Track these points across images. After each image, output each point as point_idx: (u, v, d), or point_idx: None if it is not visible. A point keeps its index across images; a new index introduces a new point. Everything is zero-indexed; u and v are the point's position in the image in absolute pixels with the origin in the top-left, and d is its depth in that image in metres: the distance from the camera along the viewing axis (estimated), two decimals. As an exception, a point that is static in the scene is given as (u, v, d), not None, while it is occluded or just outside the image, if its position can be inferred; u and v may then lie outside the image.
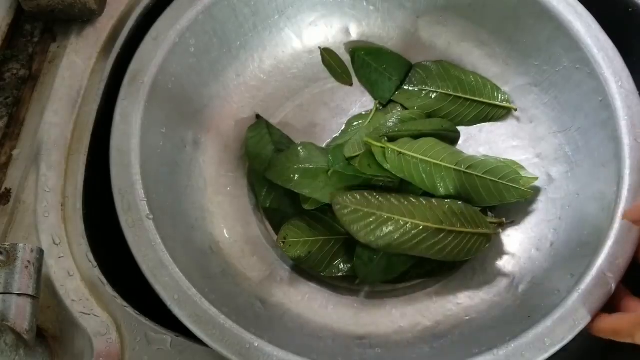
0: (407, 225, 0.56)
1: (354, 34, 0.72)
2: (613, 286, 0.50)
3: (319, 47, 0.71)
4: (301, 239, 0.60)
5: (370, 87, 0.71)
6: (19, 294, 0.43)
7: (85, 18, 0.62)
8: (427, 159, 0.60)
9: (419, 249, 0.57)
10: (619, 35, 0.59)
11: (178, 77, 0.60)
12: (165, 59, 0.58)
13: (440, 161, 0.60)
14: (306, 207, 0.60)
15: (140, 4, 0.65)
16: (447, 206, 0.58)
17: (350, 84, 0.71)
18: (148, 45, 0.58)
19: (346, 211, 0.57)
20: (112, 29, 0.63)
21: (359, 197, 0.57)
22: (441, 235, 0.57)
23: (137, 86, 0.56)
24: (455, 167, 0.59)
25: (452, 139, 0.67)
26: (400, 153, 0.60)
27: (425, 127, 0.65)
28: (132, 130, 0.54)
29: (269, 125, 0.66)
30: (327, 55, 0.71)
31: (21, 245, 0.45)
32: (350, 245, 0.59)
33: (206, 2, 0.61)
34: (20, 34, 0.62)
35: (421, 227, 0.56)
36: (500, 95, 0.68)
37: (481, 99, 0.68)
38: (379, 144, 0.59)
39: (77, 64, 0.60)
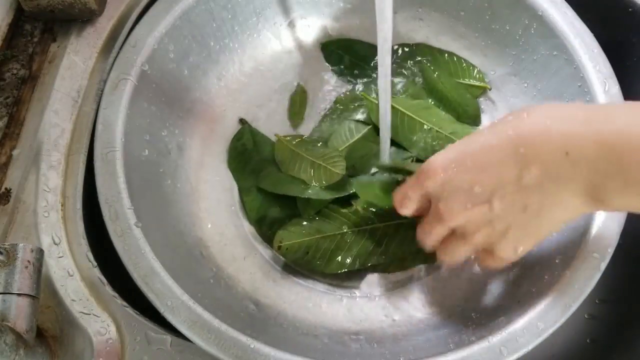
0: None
1: (332, 32, 0.64)
2: (602, 266, 0.44)
3: (297, 83, 0.62)
4: (297, 240, 0.52)
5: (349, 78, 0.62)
6: (19, 294, 0.37)
7: (85, 18, 0.54)
8: (409, 113, 0.56)
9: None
10: (619, 35, 0.54)
11: (159, 84, 0.53)
12: (145, 65, 0.51)
13: (421, 118, 0.55)
14: (306, 215, 0.53)
15: (140, 4, 0.56)
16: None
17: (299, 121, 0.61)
18: (127, 52, 0.51)
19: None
20: (112, 29, 0.55)
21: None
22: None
23: (119, 94, 0.49)
24: (430, 125, 0.55)
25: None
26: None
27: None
28: (115, 138, 0.47)
29: (253, 133, 0.58)
30: (298, 93, 0.62)
31: (21, 245, 0.39)
32: (347, 240, 0.52)
33: (183, 7, 0.53)
34: (20, 34, 0.54)
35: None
36: (475, 72, 0.60)
37: (457, 80, 0.60)
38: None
39: (77, 64, 0.52)
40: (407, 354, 0.44)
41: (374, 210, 0.52)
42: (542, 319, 0.42)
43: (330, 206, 0.53)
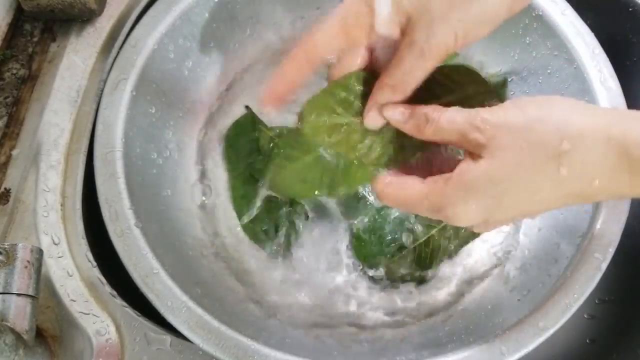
0: None
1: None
2: (603, 267, 0.43)
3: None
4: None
5: None
6: (18, 294, 0.37)
7: (85, 18, 0.54)
8: None
9: None
10: (619, 35, 0.54)
11: (159, 84, 0.52)
12: (145, 65, 0.50)
13: None
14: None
15: (140, 4, 0.56)
16: None
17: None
18: (127, 52, 0.50)
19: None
20: (112, 29, 0.54)
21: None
22: None
23: (119, 94, 0.48)
24: None
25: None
26: None
27: None
28: (115, 138, 0.47)
29: (254, 123, 0.57)
30: None
31: (21, 245, 0.38)
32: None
33: (183, 7, 0.53)
34: (20, 33, 0.54)
35: None
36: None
37: None
38: None
39: (76, 64, 0.52)
40: (408, 353, 0.44)
41: None
42: (543, 318, 0.42)
43: None
